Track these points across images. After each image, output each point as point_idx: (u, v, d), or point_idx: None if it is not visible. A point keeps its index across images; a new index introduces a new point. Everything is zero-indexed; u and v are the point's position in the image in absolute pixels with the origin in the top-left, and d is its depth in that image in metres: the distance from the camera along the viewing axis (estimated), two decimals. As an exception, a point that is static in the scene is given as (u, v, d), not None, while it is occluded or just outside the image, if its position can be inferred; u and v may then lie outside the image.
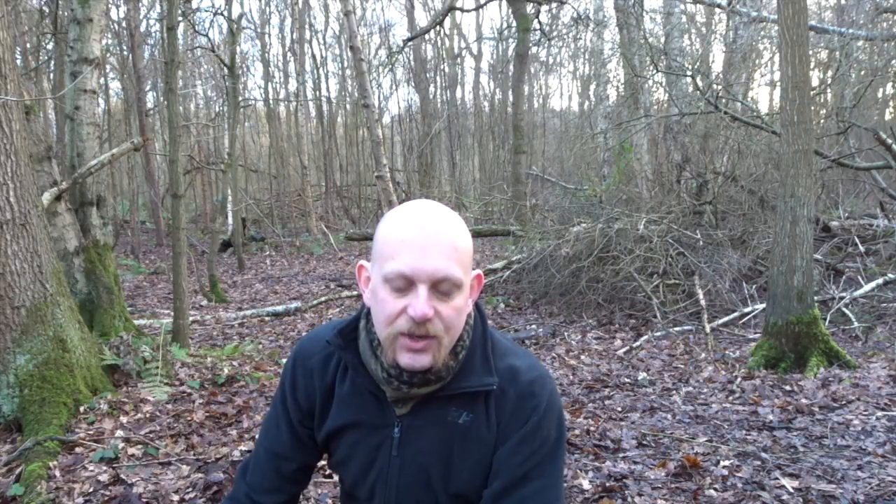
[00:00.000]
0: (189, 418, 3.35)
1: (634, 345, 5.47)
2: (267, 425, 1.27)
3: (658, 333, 5.79)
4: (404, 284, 0.98)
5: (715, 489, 2.66)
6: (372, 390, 1.12)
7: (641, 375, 4.52)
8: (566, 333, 6.09)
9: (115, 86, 18.16)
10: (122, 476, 2.70)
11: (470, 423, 1.09)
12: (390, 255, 0.99)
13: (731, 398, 3.93)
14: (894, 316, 5.69)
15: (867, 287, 6.10)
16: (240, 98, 14.38)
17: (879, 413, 3.50)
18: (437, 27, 14.25)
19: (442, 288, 0.98)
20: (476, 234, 10.34)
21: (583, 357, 5.21)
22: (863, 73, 9.26)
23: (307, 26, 20.35)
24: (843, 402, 3.71)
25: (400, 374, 1.05)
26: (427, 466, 1.11)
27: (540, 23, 13.80)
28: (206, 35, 13.38)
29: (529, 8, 12.91)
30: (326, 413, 1.18)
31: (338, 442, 1.19)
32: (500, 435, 1.09)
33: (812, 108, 5.46)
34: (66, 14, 8.43)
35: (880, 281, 6.19)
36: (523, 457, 1.08)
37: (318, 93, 21.01)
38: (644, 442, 3.27)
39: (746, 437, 3.26)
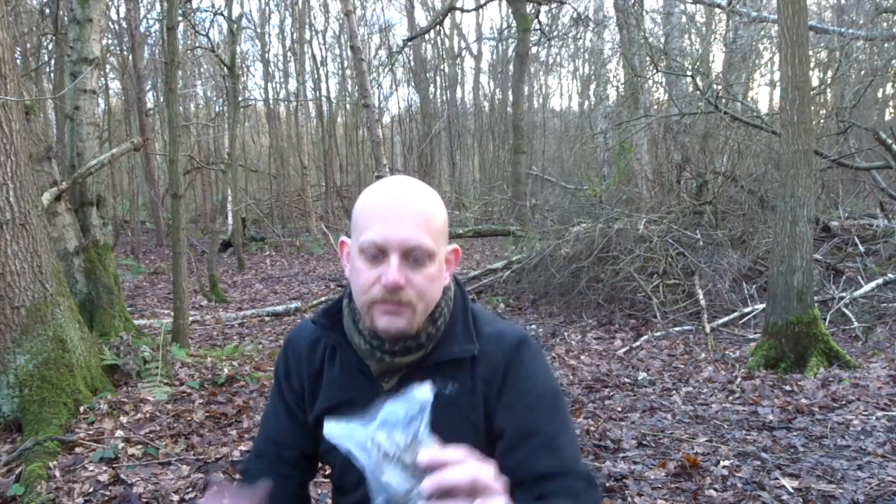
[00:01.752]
0: (189, 418, 3.35)
1: (634, 345, 5.47)
2: (265, 417, 1.29)
3: (658, 333, 5.79)
4: (377, 253, 1.01)
5: (715, 489, 2.66)
6: (359, 367, 1.13)
7: (641, 375, 4.52)
8: (566, 333, 6.09)
9: (115, 86, 18.18)
10: (122, 476, 2.70)
11: (457, 392, 1.09)
12: (364, 226, 1.02)
13: (731, 398, 3.93)
14: (894, 316, 5.69)
15: (867, 287, 6.10)
16: (240, 98, 14.39)
17: (879, 413, 3.50)
18: (437, 27, 14.25)
19: (414, 256, 1.01)
20: (476, 234, 10.34)
21: (583, 357, 5.21)
22: (863, 73, 9.26)
23: (307, 26, 20.36)
24: (843, 402, 3.71)
25: (381, 343, 1.07)
26: None
27: (540, 23, 13.79)
28: (206, 35, 13.38)
29: (529, 8, 12.90)
30: (316, 396, 1.19)
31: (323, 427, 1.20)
32: (494, 397, 1.09)
33: (812, 108, 5.46)
34: (66, 14, 8.43)
35: (880, 281, 6.19)
36: (525, 410, 1.07)
37: (318, 93, 21.02)
38: (644, 442, 3.27)
39: (746, 437, 3.26)
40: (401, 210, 1.01)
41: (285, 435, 1.23)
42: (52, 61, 12.72)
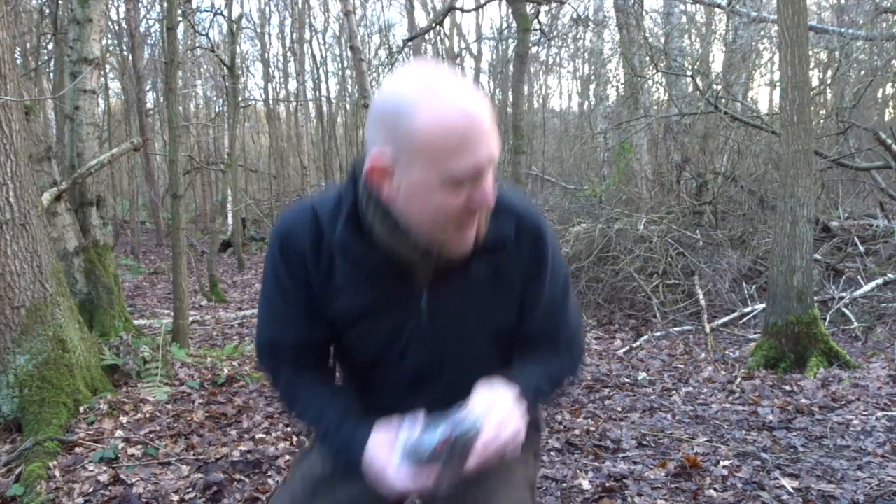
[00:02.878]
0: (189, 418, 3.35)
1: (634, 345, 5.47)
2: (271, 318, 1.19)
3: (658, 333, 5.79)
4: (469, 178, 0.95)
5: (715, 489, 2.66)
6: (389, 266, 1.08)
7: (641, 375, 4.52)
8: (566, 333, 6.08)
9: (115, 86, 18.18)
10: (122, 476, 2.70)
11: (493, 271, 1.13)
12: (447, 155, 0.93)
13: (730, 398, 3.93)
14: (894, 316, 5.69)
15: (867, 287, 6.10)
16: (240, 98, 14.38)
17: (879, 413, 3.50)
18: (437, 27, 14.24)
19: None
20: (476, 234, 10.31)
21: (582, 357, 5.21)
22: (863, 73, 9.25)
23: (307, 26, 20.34)
24: (843, 403, 3.71)
25: (430, 252, 1.06)
26: (461, 323, 1.15)
27: (540, 23, 13.76)
28: (206, 35, 13.35)
29: (529, 8, 12.87)
30: (330, 293, 1.12)
31: (354, 327, 1.16)
32: (524, 275, 1.16)
33: (812, 108, 5.46)
34: (65, 14, 8.43)
35: (880, 281, 6.19)
36: (549, 290, 1.18)
37: (318, 93, 21.00)
38: (644, 442, 3.27)
39: (746, 437, 3.26)
40: (478, 126, 0.94)
41: (303, 333, 1.17)
42: (52, 61, 12.72)
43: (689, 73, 7.97)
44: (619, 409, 3.82)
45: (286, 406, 1.23)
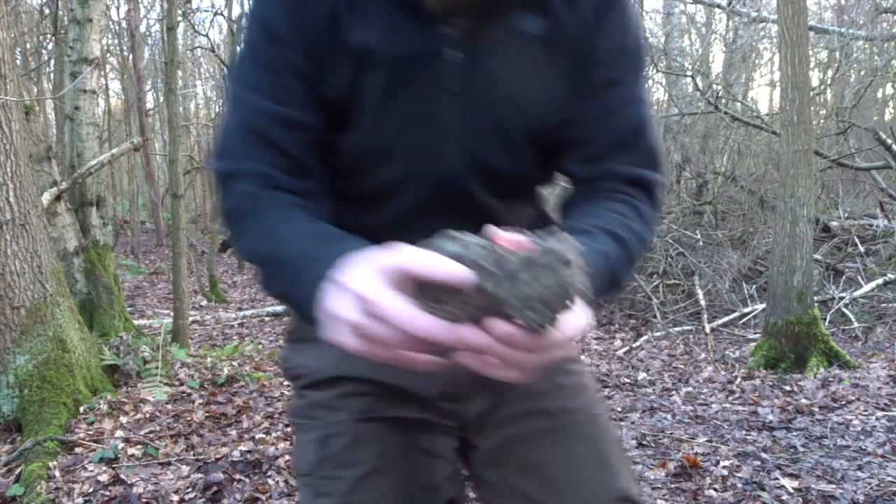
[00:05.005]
0: (189, 418, 3.36)
1: (634, 345, 5.47)
2: (252, 86, 0.81)
3: (658, 333, 5.79)
4: None
5: (715, 489, 2.66)
6: (409, 5, 0.78)
7: (641, 375, 4.52)
8: (566, 333, 6.08)
9: (115, 86, 18.19)
10: (122, 476, 2.70)
11: (545, 30, 0.80)
12: None
13: (730, 398, 3.94)
14: (894, 316, 5.69)
15: (867, 287, 6.10)
16: (240, 98, 14.33)
17: (879, 413, 3.50)
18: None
19: None
20: (476, 234, 10.33)
21: (583, 357, 5.22)
22: (863, 73, 9.26)
23: (307, 26, 20.31)
24: (843, 403, 3.71)
25: None
26: (496, 99, 0.82)
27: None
28: (206, 35, 13.37)
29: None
30: (337, 50, 0.79)
31: (362, 87, 0.81)
32: (585, 35, 0.81)
33: (812, 108, 5.46)
34: (65, 14, 8.43)
35: (880, 281, 6.19)
36: (614, 58, 0.83)
37: (318, 93, 20.97)
38: (644, 442, 3.27)
39: (746, 438, 3.26)
40: None
41: (296, 109, 0.79)
42: (52, 61, 12.73)
43: (689, 73, 7.97)
44: (619, 409, 3.82)
45: (229, 223, 0.81)
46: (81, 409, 3.17)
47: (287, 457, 2.96)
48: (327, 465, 0.85)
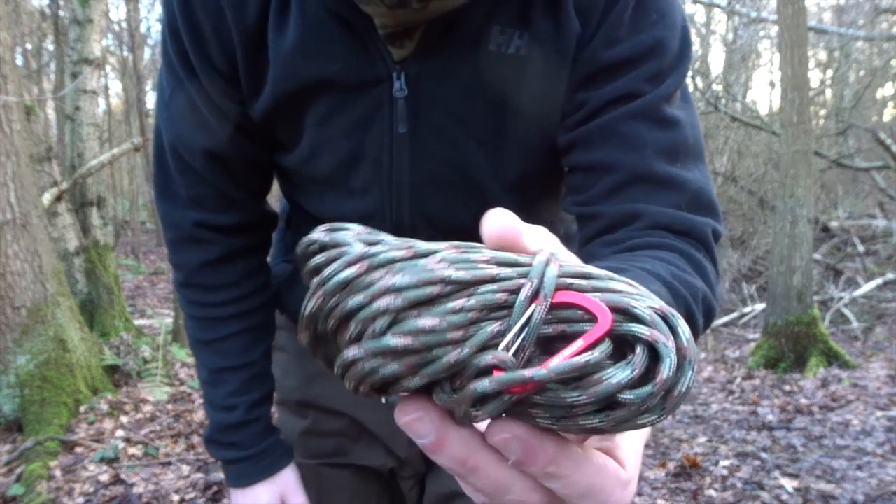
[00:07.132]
0: (189, 418, 3.36)
1: (634, 345, 5.47)
2: (174, 115, 0.72)
3: (658, 333, 5.79)
4: None
5: (715, 489, 2.66)
6: (344, 16, 0.61)
7: (641, 375, 4.53)
8: (566, 333, 6.09)
9: (115, 86, 18.19)
10: (122, 476, 2.71)
11: (527, 47, 0.62)
12: None
13: (730, 398, 3.94)
14: (894, 316, 5.69)
15: (867, 287, 6.10)
16: (240, 98, 14.33)
17: (879, 413, 3.50)
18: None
19: None
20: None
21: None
22: (862, 73, 9.26)
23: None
24: (843, 402, 3.71)
25: None
26: (457, 140, 0.66)
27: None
28: (207, 35, 13.37)
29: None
30: (261, 71, 0.66)
31: (292, 121, 0.68)
32: (582, 43, 0.63)
33: (812, 108, 5.47)
34: (66, 15, 8.44)
35: (880, 281, 6.20)
36: (626, 66, 0.61)
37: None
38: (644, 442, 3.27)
39: (746, 437, 3.26)
40: None
41: (222, 143, 0.71)
42: (53, 62, 12.74)
43: (689, 73, 7.97)
44: (618, 408, 3.82)
45: (187, 304, 0.82)
46: (82, 408, 3.18)
47: (287, 456, 2.96)
48: None
